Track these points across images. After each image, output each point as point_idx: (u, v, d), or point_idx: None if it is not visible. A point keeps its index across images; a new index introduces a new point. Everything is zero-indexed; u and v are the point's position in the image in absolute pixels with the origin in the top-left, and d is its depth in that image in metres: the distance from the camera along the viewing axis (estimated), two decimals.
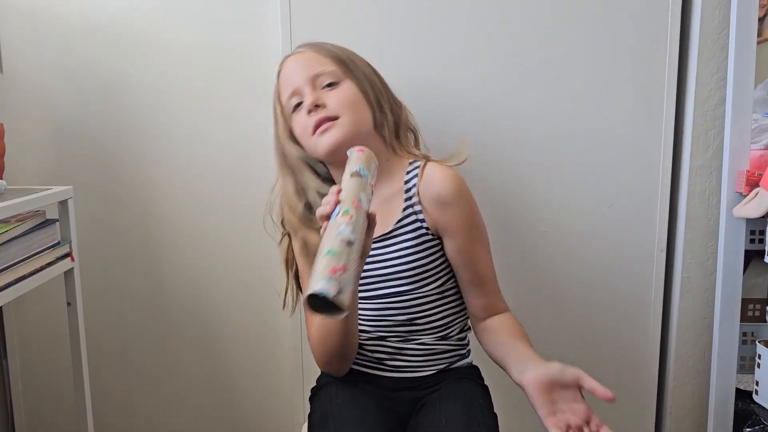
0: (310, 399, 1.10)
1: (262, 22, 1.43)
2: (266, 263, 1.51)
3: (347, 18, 1.34)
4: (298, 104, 1.03)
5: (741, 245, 1.34)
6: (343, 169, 0.88)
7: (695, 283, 1.44)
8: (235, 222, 1.52)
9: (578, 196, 1.42)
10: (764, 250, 1.27)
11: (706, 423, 1.42)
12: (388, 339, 1.04)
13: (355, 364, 1.06)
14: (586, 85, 1.38)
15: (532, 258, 1.44)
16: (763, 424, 1.33)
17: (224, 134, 1.49)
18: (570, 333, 1.48)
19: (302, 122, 1.02)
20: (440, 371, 1.06)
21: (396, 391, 1.05)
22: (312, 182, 1.04)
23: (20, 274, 1.14)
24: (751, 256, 1.42)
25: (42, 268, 1.20)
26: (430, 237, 1.02)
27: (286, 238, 1.11)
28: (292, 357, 1.50)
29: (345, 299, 0.72)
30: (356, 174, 0.86)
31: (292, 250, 1.10)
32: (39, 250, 1.20)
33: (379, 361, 1.05)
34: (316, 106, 1.00)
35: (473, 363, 1.13)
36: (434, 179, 1.02)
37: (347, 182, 0.85)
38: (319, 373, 1.12)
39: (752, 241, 1.35)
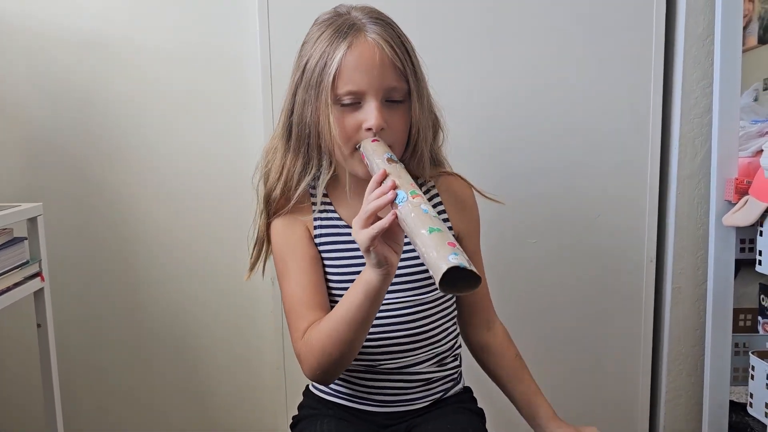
0: (292, 427, 1.05)
1: (239, 26, 1.40)
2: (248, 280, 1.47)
3: None
4: (351, 103, 0.90)
5: (731, 254, 1.33)
6: (354, 166, 0.89)
7: (686, 293, 1.43)
8: (216, 236, 1.48)
9: (566, 207, 1.41)
10: (754, 259, 1.26)
11: None
12: (384, 367, 0.98)
13: (343, 398, 1.01)
14: (571, 94, 1.37)
15: (521, 270, 1.42)
16: None
17: (203, 145, 1.45)
18: (560, 347, 1.46)
19: (350, 125, 0.90)
20: (435, 401, 1.02)
21: (387, 427, 1.00)
22: (312, 174, 0.96)
23: None
24: (740, 265, 1.41)
25: (9, 289, 1.16)
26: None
27: (263, 217, 1.01)
28: (274, 376, 1.47)
29: (475, 269, 0.71)
30: (392, 160, 0.85)
31: (269, 235, 1.01)
32: (6, 269, 1.16)
33: (371, 395, 1.00)
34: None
35: (466, 384, 1.09)
36: (454, 183, 1.03)
37: (391, 168, 0.83)
38: (300, 397, 1.08)
39: (742, 249, 1.34)
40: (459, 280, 0.72)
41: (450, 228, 0.99)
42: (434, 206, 0.97)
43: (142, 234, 1.48)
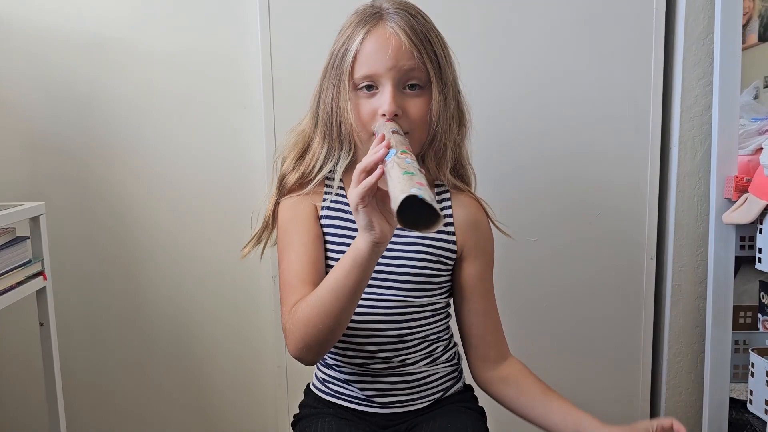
0: (293, 425, 1.06)
1: (240, 28, 1.41)
2: (248, 279, 1.48)
3: (327, 22, 1.30)
4: (368, 86, 0.91)
5: (731, 252, 1.33)
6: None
7: (686, 291, 1.43)
8: (217, 237, 1.48)
9: (566, 205, 1.41)
10: (754, 257, 1.26)
11: None
12: (375, 367, 0.98)
13: (344, 399, 1.01)
14: (571, 92, 1.37)
15: (521, 268, 1.42)
16: None
17: (204, 145, 1.45)
18: (560, 344, 1.46)
19: (366, 111, 0.91)
20: (434, 401, 1.01)
21: (387, 427, 1.00)
22: (334, 162, 0.96)
23: None
24: (741, 263, 1.41)
25: (12, 288, 1.16)
26: (451, 251, 0.98)
27: (273, 199, 1.01)
28: (275, 377, 1.47)
29: (437, 207, 0.70)
30: (397, 132, 0.85)
31: (275, 214, 1.01)
32: (9, 268, 1.16)
33: (370, 398, 1.00)
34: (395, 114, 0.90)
35: (467, 383, 1.09)
36: (471, 202, 1.02)
37: (392, 136, 0.84)
38: (301, 396, 1.08)
39: (742, 247, 1.34)
40: (421, 217, 0.72)
41: (454, 242, 0.98)
42: (444, 216, 0.96)
43: (143, 234, 1.48)
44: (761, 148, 1.24)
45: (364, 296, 0.95)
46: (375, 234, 0.79)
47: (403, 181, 0.73)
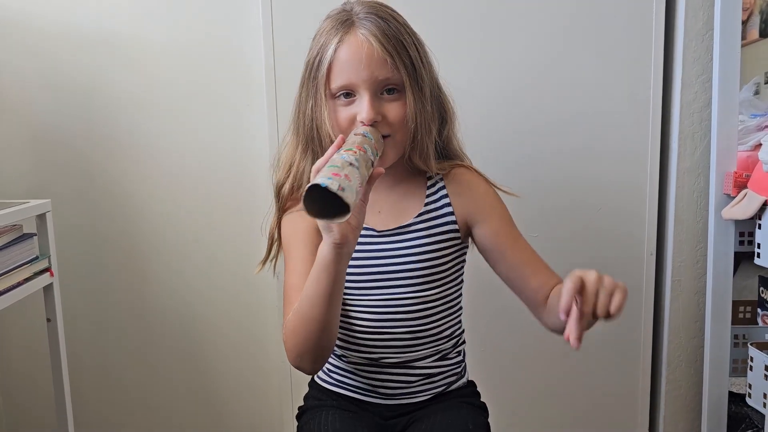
0: (298, 417, 1.07)
1: (243, 22, 1.41)
2: (253, 273, 1.48)
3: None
4: (346, 94, 0.91)
5: (730, 247, 1.34)
6: None
7: (685, 286, 1.44)
8: (222, 232, 1.49)
9: (567, 201, 1.42)
10: (754, 252, 1.27)
11: (700, 427, 1.41)
12: (385, 361, 0.99)
13: (348, 390, 1.03)
14: (571, 89, 1.38)
15: None
16: (757, 427, 1.32)
17: (209, 140, 1.47)
18: (560, 339, 1.45)
19: (344, 118, 0.92)
20: (437, 395, 1.02)
21: (390, 418, 1.01)
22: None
23: None
24: (741, 259, 1.42)
25: (20, 284, 1.18)
26: (453, 231, 0.98)
27: (276, 213, 1.02)
28: (280, 370, 1.48)
29: (348, 197, 0.70)
30: (360, 135, 0.85)
31: (279, 229, 1.02)
32: (16, 265, 1.17)
33: (375, 388, 1.01)
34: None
35: (470, 378, 1.10)
36: (463, 173, 1.02)
37: (351, 137, 0.85)
38: (306, 389, 1.10)
39: (741, 242, 1.35)
40: (331, 207, 0.72)
41: (451, 213, 0.98)
42: (440, 198, 0.99)
43: (149, 230, 1.50)
44: (760, 144, 1.25)
45: (375, 297, 0.97)
46: (334, 236, 0.79)
47: (324, 170, 0.73)
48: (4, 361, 1.55)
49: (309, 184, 0.70)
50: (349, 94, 0.91)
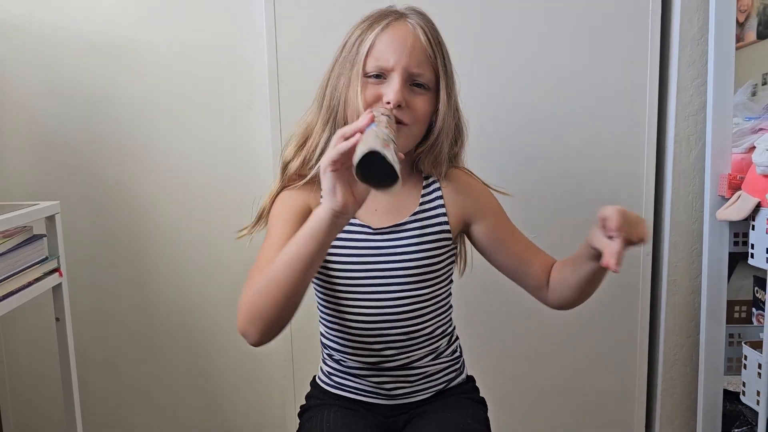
0: (300, 415, 1.09)
1: (246, 26, 1.44)
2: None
3: (332, 22, 1.34)
4: (377, 75, 0.94)
5: (725, 248, 1.36)
6: None
7: (681, 286, 1.45)
8: (225, 232, 1.50)
9: (564, 203, 1.43)
10: (748, 253, 1.29)
11: (695, 425, 1.43)
12: (384, 365, 1.01)
13: (349, 392, 1.04)
14: (567, 92, 1.40)
15: None
16: (751, 424, 1.34)
17: (213, 142, 1.49)
18: (557, 339, 1.49)
19: (370, 94, 0.93)
20: (437, 392, 1.04)
21: (391, 416, 1.03)
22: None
23: (7, 291, 1.13)
24: (737, 259, 1.43)
25: (30, 284, 1.19)
26: (445, 232, 1.00)
27: (274, 191, 1.03)
28: (282, 367, 1.50)
29: (399, 169, 0.72)
30: (388, 116, 0.87)
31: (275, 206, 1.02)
32: (26, 265, 1.19)
33: (375, 390, 1.03)
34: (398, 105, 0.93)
35: (469, 374, 1.11)
36: (458, 174, 1.05)
37: (380, 117, 0.85)
38: (308, 388, 1.11)
39: (736, 243, 1.36)
40: (380, 177, 0.75)
41: (443, 214, 1.00)
42: (434, 198, 1.01)
43: (154, 230, 1.52)
44: (754, 147, 1.26)
45: (370, 296, 0.98)
46: (336, 202, 0.79)
47: (372, 140, 0.75)
48: (13, 359, 1.58)
49: (369, 149, 0.72)
50: (379, 75, 0.94)
